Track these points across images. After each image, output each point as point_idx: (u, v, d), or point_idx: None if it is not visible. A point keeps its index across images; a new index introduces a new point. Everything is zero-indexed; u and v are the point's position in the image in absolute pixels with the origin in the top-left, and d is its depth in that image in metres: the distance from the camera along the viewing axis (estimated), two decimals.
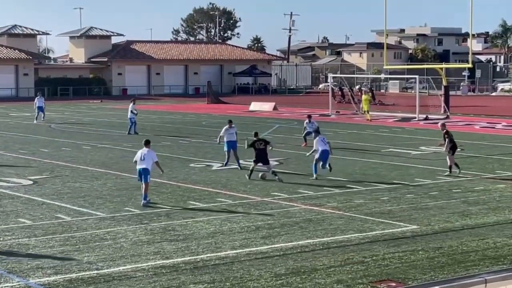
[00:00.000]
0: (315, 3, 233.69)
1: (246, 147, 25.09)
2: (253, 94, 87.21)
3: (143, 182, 20.38)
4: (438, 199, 21.02)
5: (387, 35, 69.28)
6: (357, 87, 78.65)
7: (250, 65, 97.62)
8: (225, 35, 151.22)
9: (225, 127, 27.48)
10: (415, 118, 49.59)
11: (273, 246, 15.81)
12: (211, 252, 15.30)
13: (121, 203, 20.46)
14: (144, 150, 20.68)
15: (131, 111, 40.59)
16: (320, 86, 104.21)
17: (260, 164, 24.40)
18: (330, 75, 63.96)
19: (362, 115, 51.20)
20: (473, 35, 60.38)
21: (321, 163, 24.78)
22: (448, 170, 25.39)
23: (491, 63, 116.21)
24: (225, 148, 27.31)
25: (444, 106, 52.80)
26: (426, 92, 74.70)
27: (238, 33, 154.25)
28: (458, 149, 26.44)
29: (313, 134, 31.90)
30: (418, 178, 24.74)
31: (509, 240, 16.22)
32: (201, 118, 50.90)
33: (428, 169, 26.91)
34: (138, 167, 20.56)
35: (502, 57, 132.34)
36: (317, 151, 24.82)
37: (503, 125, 45.47)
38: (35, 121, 47.55)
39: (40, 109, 48.59)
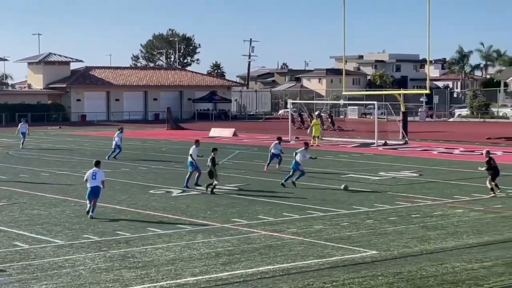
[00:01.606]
0: (274, 30, 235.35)
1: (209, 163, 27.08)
2: (213, 120, 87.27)
3: (92, 198, 22.11)
4: (397, 224, 21.17)
5: (346, 61, 70.04)
6: (316, 113, 79.14)
7: (210, 91, 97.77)
8: (185, 61, 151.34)
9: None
10: (374, 143, 49.99)
11: (233, 272, 15.77)
12: (171, 279, 15.21)
13: (79, 230, 20.28)
14: (95, 169, 22.41)
15: (121, 139, 41.16)
16: (280, 112, 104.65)
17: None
18: (289, 101, 64.26)
19: (321, 140, 51.47)
20: (430, 61, 61.20)
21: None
22: (492, 192, 26.54)
23: (448, 89, 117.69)
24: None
25: (402, 132, 53.30)
26: (384, 118, 75.41)
27: (197, 59, 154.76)
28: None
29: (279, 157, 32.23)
30: (377, 203, 24.91)
31: (468, 265, 16.38)
32: (160, 144, 50.75)
33: (387, 194, 27.11)
34: (90, 185, 22.20)
35: (459, 83, 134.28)
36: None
37: (460, 151, 45.99)
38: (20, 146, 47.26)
39: (23, 135, 48.13)
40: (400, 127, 54.19)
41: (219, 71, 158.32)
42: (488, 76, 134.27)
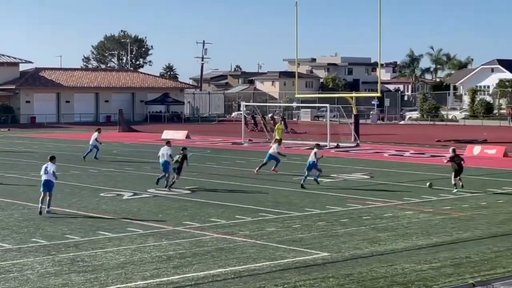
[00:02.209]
0: (227, 32, 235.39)
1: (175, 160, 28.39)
2: (165, 122, 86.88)
3: (45, 191, 22.90)
4: (348, 226, 21.29)
5: (298, 64, 70.24)
6: (269, 115, 79.21)
7: (163, 93, 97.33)
8: (137, 63, 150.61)
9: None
10: (326, 146, 50.22)
11: (184, 276, 15.70)
12: (121, 283, 15.08)
13: (28, 234, 20.00)
14: (48, 164, 23.31)
15: (96, 139, 40.78)
16: (233, 114, 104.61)
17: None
18: (242, 104, 64.25)
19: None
20: (382, 64, 61.77)
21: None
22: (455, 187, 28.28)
23: (399, 92, 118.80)
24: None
25: (354, 134, 53.66)
26: (337, 121, 75.86)
27: (150, 61, 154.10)
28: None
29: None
30: (329, 205, 25.03)
31: (417, 266, 16.53)
32: (112, 147, 50.34)
33: (338, 196, 27.26)
34: (43, 178, 23.20)
35: (410, 86, 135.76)
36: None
37: (410, 153, 46.46)
38: None
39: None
40: (352, 129, 54.56)
41: (171, 73, 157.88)
42: (438, 80, 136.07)
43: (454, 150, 29.45)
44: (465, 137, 57.55)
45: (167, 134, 60.13)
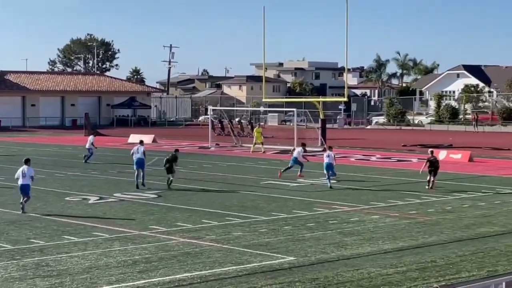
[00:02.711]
0: (195, 36, 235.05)
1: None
2: (132, 127, 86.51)
3: (23, 195, 23.57)
4: (314, 231, 21.34)
5: (266, 68, 70.45)
6: (236, 119, 79.23)
7: (129, 97, 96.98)
8: (104, 66, 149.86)
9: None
10: (292, 148, 50.23)
11: (150, 280, 15.62)
12: None
13: None
14: (25, 167, 23.75)
15: (92, 143, 41.05)
16: (200, 118, 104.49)
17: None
18: (210, 108, 64.20)
19: (241, 147, 51.55)
20: (348, 69, 62.07)
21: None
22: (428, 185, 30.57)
23: (366, 97, 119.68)
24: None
25: (321, 139, 53.81)
26: (304, 125, 76.06)
27: (116, 65, 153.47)
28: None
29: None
30: (296, 210, 25.07)
31: (383, 270, 16.61)
32: (78, 151, 49.91)
33: (305, 200, 27.32)
34: (20, 183, 23.68)
35: (377, 91, 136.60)
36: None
37: (377, 158, 46.71)
38: None
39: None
40: (319, 134, 54.72)
41: (138, 76, 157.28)
42: (404, 85, 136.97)
43: (432, 152, 32.02)
44: (431, 141, 58.02)
45: (134, 138, 59.78)
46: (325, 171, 31.77)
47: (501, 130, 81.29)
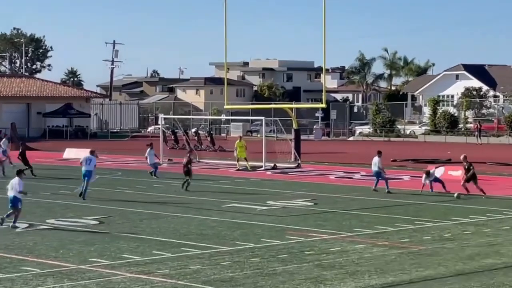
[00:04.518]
0: (142, 31, 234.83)
1: None
2: (68, 139, 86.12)
3: (13, 208, 26.46)
4: (287, 263, 21.36)
5: (228, 69, 70.62)
6: (193, 130, 79.23)
7: (65, 104, 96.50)
8: (34, 67, 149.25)
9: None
10: (261, 167, 50.39)
11: None
12: None
13: None
14: (16, 179, 26.70)
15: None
16: (149, 129, 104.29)
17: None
18: (161, 116, 64.01)
19: (198, 163, 51.47)
20: (327, 70, 62.42)
21: None
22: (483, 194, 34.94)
23: (348, 102, 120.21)
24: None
25: (294, 153, 53.94)
26: (274, 137, 76.19)
27: (49, 65, 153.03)
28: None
29: None
30: (265, 238, 25.08)
31: None
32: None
33: (276, 227, 27.33)
34: (9, 194, 26.64)
35: (361, 95, 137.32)
36: None
37: (361, 175, 46.84)
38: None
39: (4, 153, 44.82)
40: (292, 147, 54.85)
41: (75, 79, 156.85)
42: (393, 88, 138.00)
43: (465, 158, 36.51)
44: (426, 156, 58.44)
45: (70, 152, 59.52)
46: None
47: (509, 142, 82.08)
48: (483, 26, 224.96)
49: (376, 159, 37.41)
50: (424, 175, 36.83)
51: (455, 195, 35.03)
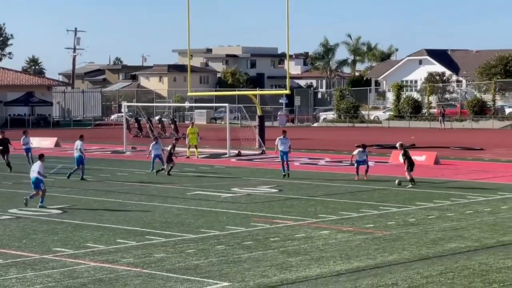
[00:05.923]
0: (104, 18, 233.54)
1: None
2: (30, 128, 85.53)
3: (35, 189, 28.64)
4: (253, 250, 21.40)
5: (191, 56, 70.42)
6: (156, 117, 79.04)
7: (26, 92, 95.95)
8: None
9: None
10: (225, 154, 50.40)
11: None
12: None
13: None
14: (38, 163, 29.03)
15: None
16: (113, 117, 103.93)
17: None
18: (124, 104, 63.83)
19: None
20: (290, 56, 62.47)
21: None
22: (411, 182, 34.23)
23: (312, 88, 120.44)
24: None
25: (259, 140, 54.00)
26: (238, 123, 76.24)
27: (10, 53, 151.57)
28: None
29: None
30: (230, 225, 25.11)
31: None
32: None
33: (241, 214, 27.38)
34: (31, 175, 28.81)
35: (324, 81, 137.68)
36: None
37: (326, 161, 47.05)
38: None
39: (28, 150, 43.95)
40: (257, 134, 54.89)
41: (37, 67, 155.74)
42: (357, 74, 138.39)
43: (401, 145, 35.60)
44: (390, 141, 58.62)
45: (32, 141, 59.06)
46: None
47: (472, 127, 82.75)
48: (446, 11, 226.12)
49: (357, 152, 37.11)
50: (359, 149, 36.92)
51: (396, 182, 34.60)
